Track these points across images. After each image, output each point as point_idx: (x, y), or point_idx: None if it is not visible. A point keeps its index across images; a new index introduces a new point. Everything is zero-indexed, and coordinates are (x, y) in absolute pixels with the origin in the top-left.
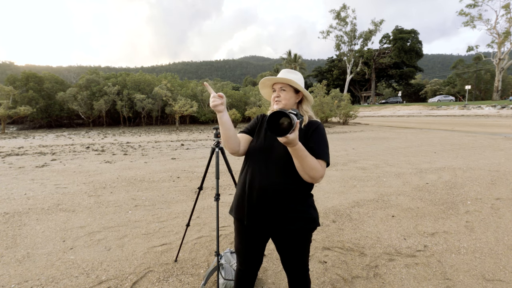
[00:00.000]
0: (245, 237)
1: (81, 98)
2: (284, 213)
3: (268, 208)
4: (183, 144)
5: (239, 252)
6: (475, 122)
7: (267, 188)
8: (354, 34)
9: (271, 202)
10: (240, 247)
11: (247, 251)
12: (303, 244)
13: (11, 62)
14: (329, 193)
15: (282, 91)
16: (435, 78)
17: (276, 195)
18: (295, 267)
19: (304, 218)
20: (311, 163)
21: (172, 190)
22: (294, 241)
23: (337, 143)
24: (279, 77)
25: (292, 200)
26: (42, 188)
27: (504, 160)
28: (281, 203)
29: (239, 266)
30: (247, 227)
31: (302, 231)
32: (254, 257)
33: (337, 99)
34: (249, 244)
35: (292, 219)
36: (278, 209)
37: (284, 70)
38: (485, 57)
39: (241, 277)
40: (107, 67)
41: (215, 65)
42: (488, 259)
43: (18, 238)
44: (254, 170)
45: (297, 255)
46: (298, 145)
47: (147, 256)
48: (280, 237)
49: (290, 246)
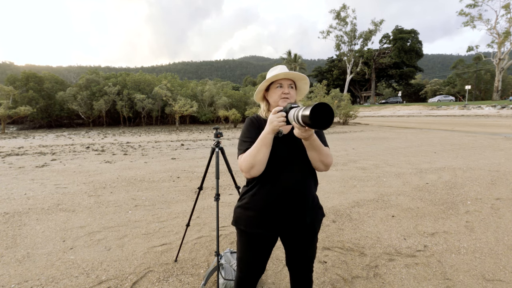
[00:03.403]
0: (256, 247)
1: (81, 98)
2: (307, 209)
3: (303, 210)
4: (183, 144)
5: (245, 262)
6: (475, 122)
7: (302, 190)
8: (354, 34)
9: (306, 203)
10: (249, 255)
11: (255, 260)
12: (315, 238)
13: (11, 62)
14: (329, 193)
15: (291, 89)
16: (435, 78)
17: (309, 194)
18: (303, 265)
19: (318, 208)
20: (326, 151)
21: (172, 190)
22: (309, 234)
23: (337, 143)
24: (293, 72)
25: (314, 195)
26: (42, 188)
27: (504, 160)
28: (311, 200)
29: (241, 273)
30: (260, 236)
31: (317, 223)
32: (261, 265)
33: (337, 99)
34: (259, 253)
35: (310, 212)
36: (307, 207)
37: (283, 67)
38: (485, 57)
39: (243, 285)
40: (107, 67)
41: (215, 65)
42: (488, 259)
43: (18, 238)
44: (283, 177)
45: (308, 251)
46: (314, 135)
47: (147, 256)
48: (294, 233)
49: (303, 241)
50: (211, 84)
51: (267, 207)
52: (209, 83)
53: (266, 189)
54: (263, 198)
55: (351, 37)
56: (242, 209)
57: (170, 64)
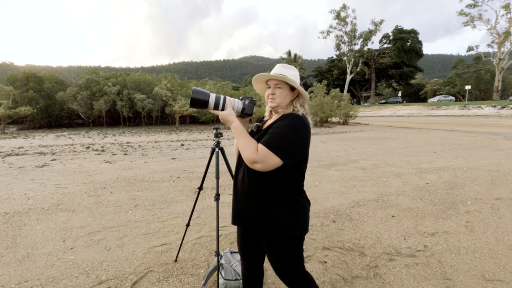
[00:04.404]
0: (239, 234)
1: (81, 98)
2: (257, 214)
3: (245, 208)
4: (183, 144)
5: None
6: (475, 122)
7: (244, 188)
8: (354, 34)
9: (247, 202)
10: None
11: (241, 246)
12: (279, 251)
13: (11, 62)
14: (329, 193)
15: (277, 89)
16: (435, 78)
17: (250, 194)
18: (278, 273)
19: (274, 222)
20: (243, 143)
21: (172, 190)
22: (269, 246)
23: (337, 143)
24: (273, 73)
25: (264, 201)
26: (42, 188)
27: (504, 160)
28: (256, 203)
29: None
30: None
31: (273, 237)
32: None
33: (337, 99)
34: (243, 242)
35: (264, 221)
36: (252, 209)
37: (279, 65)
38: (485, 57)
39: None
40: (107, 67)
41: (215, 65)
42: (488, 259)
43: (18, 238)
44: (237, 172)
45: (275, 262)
46: (233, 123)
47: (147, 256)
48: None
49: (267, 250)
50: (211, 84)
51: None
52: (209, 83)
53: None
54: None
55: (351, 37)
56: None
57: (170, 64)
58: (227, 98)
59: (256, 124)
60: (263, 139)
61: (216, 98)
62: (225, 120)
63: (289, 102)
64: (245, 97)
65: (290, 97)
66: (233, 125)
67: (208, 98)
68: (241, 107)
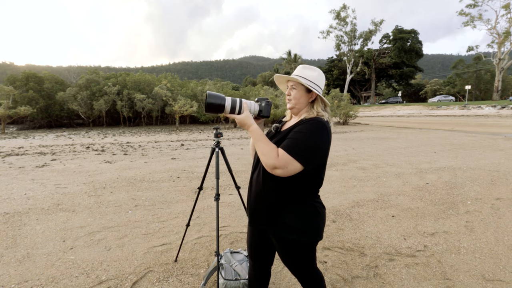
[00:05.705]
0: (250, 234)
1: (81, 98)
2: (270, 218)
3: (258, 210)
4: (183, 144)
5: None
6: (475, 122)
7: (258, 190)
8: (354, 34)
9: (260, 204)
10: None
11: (251, 246)
12: (291, 255)
13: (11, 62)
14: (329, 193)
15: (292, 90)
16: (435, 78)
17: (264, 198)
18: (291, 271)
19: (287, 227)
20: (263, 149)
21: (172, 190)
22: (281, 249)
23: (337, 143)
24: (293, 74)
25: (277, 206)
26: (42, 188)
27: (504, 160)
28: (269, 207)
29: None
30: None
31: (285, 241)
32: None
33: (337, 99)
34: (253, 242)
35: (276, 226)
36: (266, 213)
37: (300, 66)
38: (485, 57)
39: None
40: (107, 67)
41: (215, 65)
42: (488, 259)
43: (18, 238)
44: (252, 173)
45: (287, 263)
46: (251, 127)
47: (147, 256)
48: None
49: (279, 252)
50: (211, 84)
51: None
52: (209, 83)
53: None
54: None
55: (351, 37)
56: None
57: (170, 64)
58: (243, 101)
59: (275, 125)
60: (284, 143)
61: (232, 102)
62: (243, 123)
63: (306, 103)
64: (261, 99)
65: (306, 99)
66: (251, 129)
67: (224, 102)
68: (258, 109)
